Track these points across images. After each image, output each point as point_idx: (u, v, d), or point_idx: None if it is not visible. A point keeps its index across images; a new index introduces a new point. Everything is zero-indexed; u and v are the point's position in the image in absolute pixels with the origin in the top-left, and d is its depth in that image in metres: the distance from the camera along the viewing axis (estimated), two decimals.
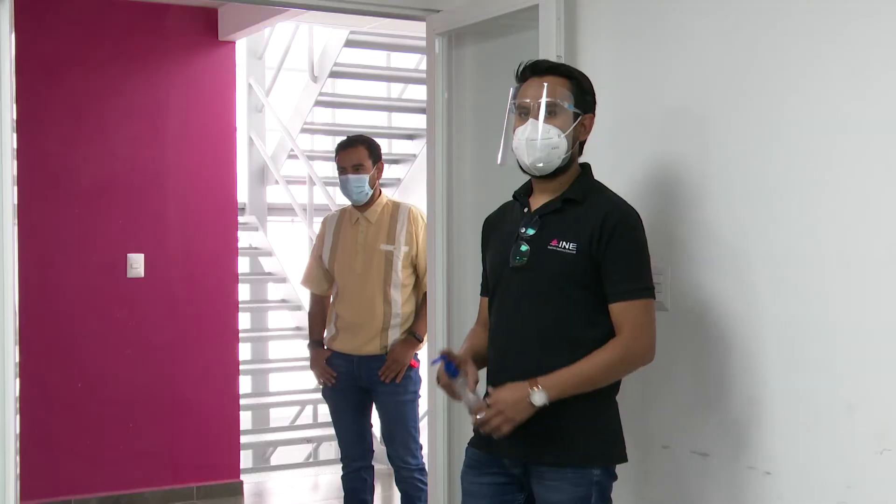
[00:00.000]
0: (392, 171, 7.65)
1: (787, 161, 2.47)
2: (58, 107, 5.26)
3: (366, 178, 4.15)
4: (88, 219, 5.34)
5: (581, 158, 2.59)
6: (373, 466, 4.30)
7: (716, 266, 2.66)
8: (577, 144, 2.56)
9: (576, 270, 2.45)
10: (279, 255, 6.99)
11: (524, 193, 2.63)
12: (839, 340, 2.34)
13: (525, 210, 2.58)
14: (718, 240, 2.65)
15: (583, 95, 2.55)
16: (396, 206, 4.23)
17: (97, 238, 5.36)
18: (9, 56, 3.09)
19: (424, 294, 4.11)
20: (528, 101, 2.51)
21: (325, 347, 4.27)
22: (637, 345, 2.44)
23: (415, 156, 7.41)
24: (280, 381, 7.17)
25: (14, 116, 3.14)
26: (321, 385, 4.29)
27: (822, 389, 2.38)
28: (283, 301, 6.99)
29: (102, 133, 5.36)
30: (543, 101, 2.48)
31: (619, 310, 2.44)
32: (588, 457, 2.48)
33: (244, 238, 6.68)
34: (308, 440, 6.67)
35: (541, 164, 2.50)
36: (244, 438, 6.02)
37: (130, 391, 5.41)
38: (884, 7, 2.25)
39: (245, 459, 6.20)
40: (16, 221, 3.14)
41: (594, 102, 2.59)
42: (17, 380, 3.16)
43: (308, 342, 4.37)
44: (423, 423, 4.06)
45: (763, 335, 2.52)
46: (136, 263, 5.41)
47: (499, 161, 2.64)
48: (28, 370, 4.75)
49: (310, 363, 4.31)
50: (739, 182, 2.59)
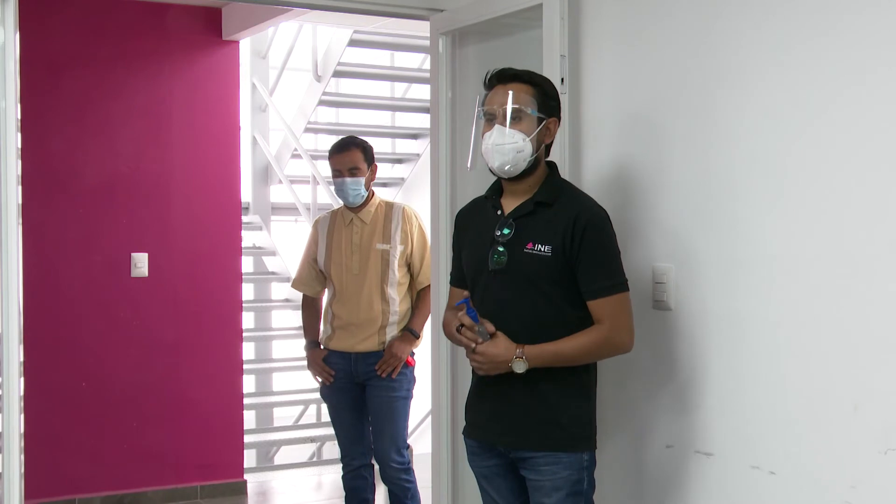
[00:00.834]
0: (396, 171, 7.65)
1: (790, 159, 2.47)
2: (62, 106, 5.27)
3: (362, 181, 4.18)
4: (92, 218, 5.35)
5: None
6: (372, 465, 4.31)
7: (721, 265, 2.66)
8: (543, 147, 2.69)
9: (552, 271, 2.61)
10: (283, 255, 6.99)
11: (495, 193, 2.76)
12: (844, 340, 2.34)
13: (499, 213, 2.71)
14: (723, 239, 2.65)
15: (546, 101, 2.68)
16: (390, 206, 4.26)
17: (101, 237, 5.36)
18: (13, 56, 3.09)
19: (419, 292, 4.23)
20: (495, 108, 2.66)
21: (322, 347, 4.29)
22: (617, 336, 2.62)
23: (418, 155, 7.42)
24: (283, 381, 7.17)
25: (19, 116, 3.15)
26: (319, 384, 4.31)
27: (828, 389, 2.37)
28: (287, 300, 6.99)
29: (106, 132, 5.37)
30: (509, 108, 2.63)
31: (597, 306, 2.61)
32: (579, 442, 2.64)
33: (248, 237, 6.69)
34: (312, 439, 6.67)
35: (508, 167, 2.64)
36: (248, 438, 6.02)
37: (134, 390, 5.42)
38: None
39: (249, 459, 6.21)
40: (20, 221, 3.15)
41: (558, 107, 2.74)
42: (22, 379, 3.17)
43: (304, 343, 4.38)
44: (426, 423, 4.06)
45: (768, 334, 2.52)
46: (140, 263, 5.42)
47: (468, 165, 2.79)
48: (32, 369, 4.74)
49: (307, 363, 4.33)
50: (743, 181, 2.59)
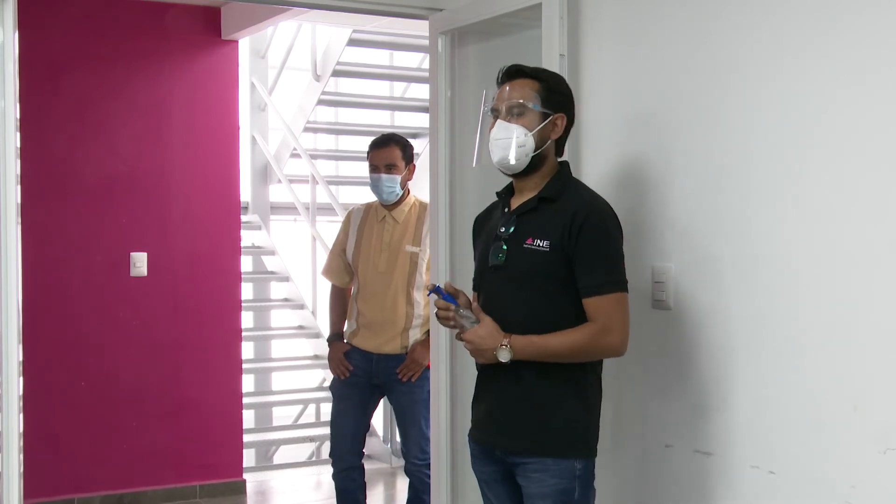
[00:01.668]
0: None
1: (791, 158, 2.47)
2: (61, 106, 5.27)
3: (398, 179, 4.16)
4: (92, 217, 5.34)
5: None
6: (363, 466, 4.30)
7: (721, 265, 2.65)
8: (551, 143, 2.64)
9: (549, 267, 2.55)
10: (282, 254, 7.00)
11: (506, 193, 2.74)
12: (844, 340, 2.34)
13: (506, 210, 2.69)
14: (722, 239, 2.65)
15: (552, 96, 2.63)
16: (424, 207, 4.21)
17: (100, 237, 5.36)
18: (13, 55, 3.09)
19: None
20: (498, 104, 2.64)
21: (346, 341, 4.27)
22: (607, 337, 2.52)
23: (417, 154, 7.40)
24: (283, 380, 7.18)
25: (18, 115, 3.14)
26: (337, 377, 4.25)
27: (827, 389, 2.37)
28: (286, 300, 7.00)
29: (106, 132, 5.37)
30: (509, 103, 2.60)
31: (592, 305, 2.53)
32: (570, 448, 2.55)
33: (247, 237, 6.68)
34: (311, 439, 6.67)
35: (511, 162, 2.59)
36: (247, 437, 6.02)
37: (133, 390, 5.41)
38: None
39: (248, 458, 6.20)
40: (20, 220, 3.14)
41: (568, 103, 2.68)
42: (21, 378, 3.16)
43: (328, 335, 4.37)
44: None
45: (768, 334, 2.52)
46: (140, 262, 5.42)
47: (474, 162, 2.78)
48: (32, 369, 4.73)
49: (328, 356, 4.31)
50: (743, 181, 2.59)
